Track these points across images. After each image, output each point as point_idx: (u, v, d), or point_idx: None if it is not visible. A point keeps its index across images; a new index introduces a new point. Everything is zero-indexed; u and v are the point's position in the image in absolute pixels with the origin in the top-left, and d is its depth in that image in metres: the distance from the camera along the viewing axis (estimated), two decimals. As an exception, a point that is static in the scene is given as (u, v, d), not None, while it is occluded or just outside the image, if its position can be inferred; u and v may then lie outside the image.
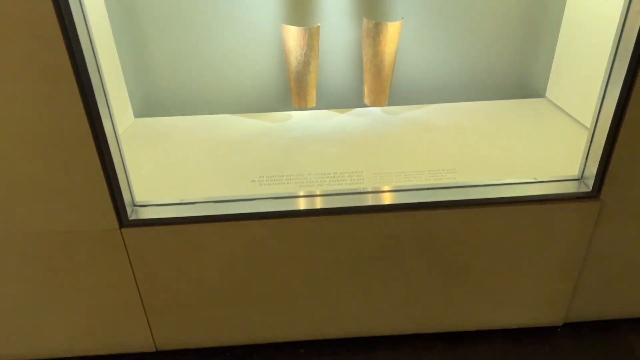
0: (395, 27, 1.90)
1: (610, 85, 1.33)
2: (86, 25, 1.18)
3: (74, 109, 1.21)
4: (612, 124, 1.35)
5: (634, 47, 1.23)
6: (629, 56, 1.26)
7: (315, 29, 1.90)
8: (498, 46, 2.13)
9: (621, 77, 1.29)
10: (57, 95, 1.19)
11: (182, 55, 2.08)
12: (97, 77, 1.24)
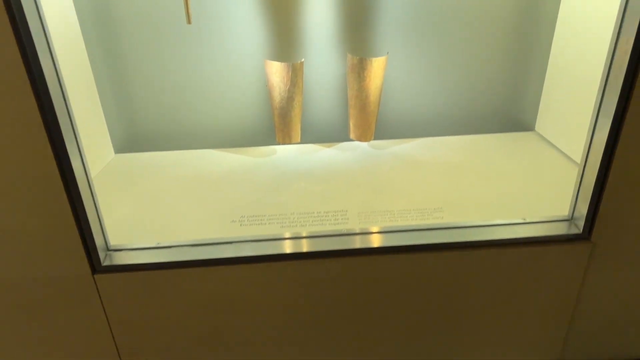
0: (380, 62, 1.87)
1: (599, 123, 1.30)
2: (52, 58, 1.13)
3: (39, 147, 1.15)
4: (601, 164, 1.31)
5: (622, 85, 1.20)
6: (617, 93, 1.23)
7: (299, 65, 1.86)
8: (486, 79, 2.11)
9: (610, 114, 1.25)
10: (20, 132, 1.13)
11: (165, 89, 2.04)
12: (65, 114, 1.19)
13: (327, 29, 1.95)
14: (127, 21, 1.90)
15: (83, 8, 1.86)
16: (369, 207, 1.63)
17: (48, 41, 1.13)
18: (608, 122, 1.26)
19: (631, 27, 1.15)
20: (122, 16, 1.89)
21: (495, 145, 2.12)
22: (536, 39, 2.04)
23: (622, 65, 1.20)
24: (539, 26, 2.01)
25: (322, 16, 1.92)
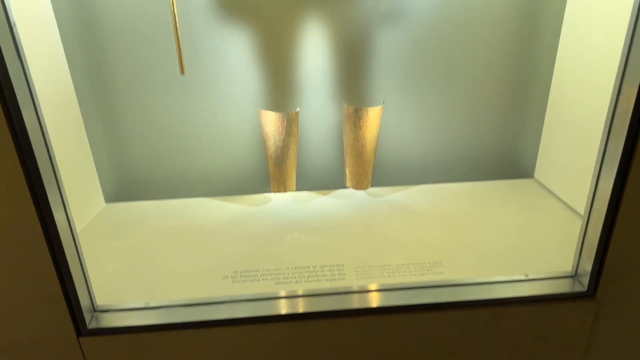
0: (376, 112, 1.86)
1: (603, 171, 1.26)
2: (35, 107, 1.10)
3: (20, 202, 1.11)
4: (606, 216, 1.27)
5: (628, 129, 1.17)
6: (620, 148, 1.20)
7: (294, 114, 1.84)
8: (483, 125, 2.10)
9: (615, 161, 1.21)
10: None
11: (158, 136, 2.01)
12: (49, 166, 1.14)
13: (323, 78, 1.94)
14: (120, 69, 1.88)
15: (75, 55, 1.84)
16: (366, 261, 1.58)
17: (31, 91, 1.09)
18: (613, 169, 1.22)
19: (635, 74, 1.12)
20: (116, 64, 1.87)
21: (494, 193, 2.09)
22: (534, 86, 2.04)
23: (628, 110, 1.16)
24: (536, 72, 2.01)
25: (318, 65, 1.91)
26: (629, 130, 1.16)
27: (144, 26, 1.81)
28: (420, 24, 1.87)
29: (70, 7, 1.77)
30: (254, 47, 1.85)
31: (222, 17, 1.80)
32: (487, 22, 1.89)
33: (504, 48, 1.95)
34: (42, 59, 1.67)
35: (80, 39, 1.82)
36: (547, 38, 1.93)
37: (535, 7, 1.88)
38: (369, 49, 1.88)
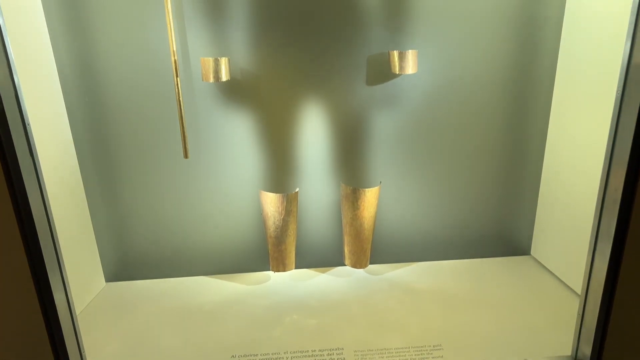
0: (373, 192, 1.91)
1: (597, 258, 1.28)
2: (41, 189, 1.14)
3: (22, 286, 1.13)
4: (602, 302, 1.28)
5: (620, 206, 1.20)
6: (615, 215, 1.22)
7: (294, 195, 1.89)
8: (479, 202, 2.14)
9: (609, 238, 1.24)
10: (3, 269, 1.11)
11: (159, 216, 2.05)
12: (53, 253, 1.17)
13: (321, 159, 2.00)
14: (124, 152, 1.95)
15: (81, 138, 1.91)
16: (366, 344, 1.57)
17: (39, 178, 1.14)
18: (607, 251, 1.25)
19: (621, 165, 1.17)
20: (120, 146, 1.94)
21: (492, 271, 2.10)
22: (527, 165, 2.10)
23: (616, 200, 1.20)
24: (528, 152, 2.07)
25: (316, 147, 1.98)
26: (619, 219, 1.20)
27: (150, 110, 1.89)
28: (415, 107, 1.95)
29: (78, 90, 1.85)
30: (255, 129, 1.93)
31: (225, 101, 1.89)
32: (479, 104, 1.97)
33: (496, 128, 2.02)
34: (51, 145, 1.73)
35: (87, 121, 1.90)
36: (537, 120, 2.02)
37: (524, 89, 1.97)
38: (365, 131, 1.95)
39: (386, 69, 1.85)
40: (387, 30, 1.82)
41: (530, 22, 1.87)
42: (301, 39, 1.81)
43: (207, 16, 1.77)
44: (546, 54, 1.92)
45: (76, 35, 1.78)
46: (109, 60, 1.82)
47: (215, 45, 1.81)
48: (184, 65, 1.82)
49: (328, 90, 1.89)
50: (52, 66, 1.77)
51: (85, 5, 1.75)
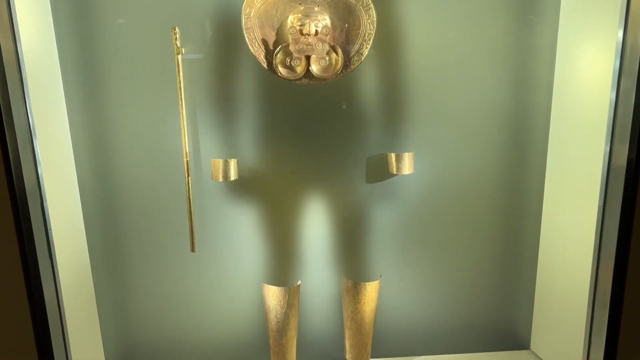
0: (374, 286, 1.96)
1: (593, 343, 1.31)
2: (55, 280, 1.20)
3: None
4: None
5: (611, 297, 1.24)
6: (607, 308, 1.26)
7: (295, 288, 1.94)
8: (478, 296, 2.18)
9: (602, 333, 1.27)
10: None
11: (163, 306, 2.09)
12: (61, 344, 1.21)
13: (323, 253, 2.07)
14: (134, 242, 2.03)
15: (93, 227, 2.00)
16: None
17: (54, 269, 1.20)
18: (602, 341, 1.28)
19: (607, 267, 1.24)
20: (130, 238, 2.02)
21: (492, 366, 2.10)
22: (522, 259, 2.16)
23: (606, 292, 1.26)
24: (523, 245, 2.14)
25: (318, 241, 2.05)
26: (610, 315, 1.25)
27: (160, 205, 1.99)
28: (412, 204, 2.05)
29: (94, 185, 1.96)
30: (260, 224, 2.02)
31: (232, 198, 1.99)
32: (473, 201, 2.07)
33: (491, 224, 2.11)
34: (65, 240, 1.81)
35: (100, 213, 1.99)
36: (531, 216, 2.11)
37: (517, 187, 2.07)
38: (365, 226, 2.04)
39: (384, 169, 1.97)
40: (385, 133, 1.95)
41: (519, 126, 2.00)
42: (305, 141, 1.94)
43: (218, 120, 1.91)
44: (536, 153, 2.04)
45: (95, 138, 1.92)
46: (125, 158, 1.94)
47: (225, 146, 1.94)
48: (195, 164, 1.94)
49: (329, 187, 2.00)
50: (71, 163, 1.90)
51: (104, 108, 1.89)
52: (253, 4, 1.70)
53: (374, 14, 1.72)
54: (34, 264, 1.31)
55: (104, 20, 1.82)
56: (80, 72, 1.86)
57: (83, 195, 1.96)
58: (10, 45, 1.52)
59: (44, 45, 1.75)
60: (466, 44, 1.90)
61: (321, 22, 1.69)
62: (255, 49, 1.75)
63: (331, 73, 1.75)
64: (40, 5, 1.73)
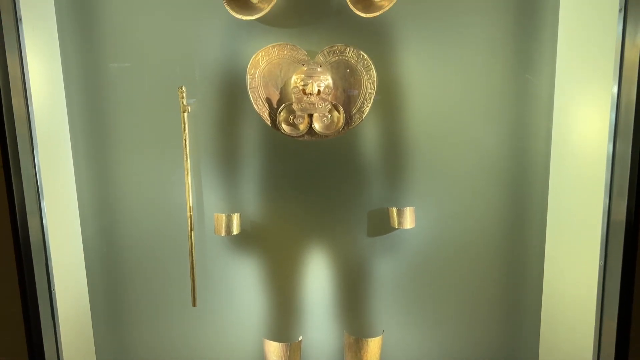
0: (376, 342, 1.94)
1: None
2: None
3: None
4: None
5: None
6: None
7: (297, 344, 1.92)
8: (481, 349, 2.15)
9: None
10: None
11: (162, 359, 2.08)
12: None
13: (324, 307, 2.06)
14: (135, 295, 2.03)
15: (95, 281, 2.02)
16: None
17: (55, 320, 1.20)
18: None
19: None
20: (131, 291, 2.03)
21: None
22: (525, 313, 2.13)
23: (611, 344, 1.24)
24: (526, 299, 2.12)
25: (320, 295, 2.05)
26: None
27: (163, 259, 2.00)
28: (414, 257, 2.05)
29: (98, 239, 1.99)
30: (261, 278, 2.02)
31: (234, 252, 2.00)
32: (475, 254, 2.06)
33: (492, 277, 2.09)
34: (67, 294, 1.82)
35: (102, 266, 2.01)
36: (533, 270, 2.10)
37: (518, 242, 2.07)
38: (367, 279, 2.04)
39: (386, 223, 1.99)
40: (386, 188, 1.98)
41: (519, 180, 2.03)
42: (307, 195, 1.97)
43: (222, 175, 1.95)
44: (536, 206, 2.05)
45: (100, 192, 1.96)
46: (129, 212, 1.98)
47: (229, 200, 1.96)
48: (198, 218, 1.96)
49: (331, 241, 2.01)
50: (75, 217, 1.93)
51: (110, 162, 1.94)
52: (258, 65, 1.77)
53: (374, 74, 1.78)
54: (35, 318, 1.31)
55: (113, 77, 1.89)
56: (88, 127, 1.92)
57: (86, 249, 1.98)
58: (21, 103, 1.58)
59: (54, 101, 1.81)
60: (464, 99, 1.94)
61: (323, 82, 1.75)
62: (260, 107, 1.80)
63: (333, 130, 1.80)
64: (51, 64, 1.80)
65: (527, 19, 1.87)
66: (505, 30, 1.87)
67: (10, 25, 1.52)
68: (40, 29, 1.71)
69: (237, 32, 1.84)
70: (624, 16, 1.47)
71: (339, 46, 1.77)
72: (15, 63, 1.56)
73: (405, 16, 1.84)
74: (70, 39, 1.86)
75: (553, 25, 1.87)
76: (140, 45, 1.87)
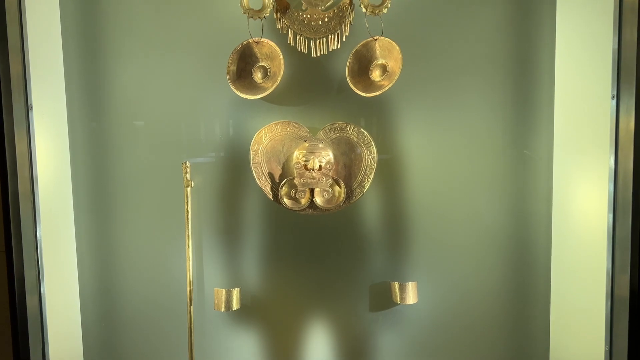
0: None
1: None
2: None
3: None
4: None
5: None
6: None
7: None
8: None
9: None
10: None
11: None
12: None
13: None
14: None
15: (91, 351, 1.97)
16: None
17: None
18: None
19: None
20: None
21: None
22: None
23: None
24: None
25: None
26: None
27: (161, 334, 1.97)
28: (417, 332, 2.01)
29: (97, 311, 1.96)
30: (262, 353, 1.97)
31: (234, 327, 1.97)
32: (480, 328, 2.02)
33: (499, 351, 2.04)
34: None
35: (100, 336, 1.98)
36: (538, 345, 2.05)
37: (522, 312, 2.03)
38: (369, 355, 1.99)
39: (388, 297, 1.96)
40: (387, 262, 1.97)
41: (520, 255, 2.02)
42: (308, 269, 1.96)
43: (223, 248, 1.95)
44: (539, 282, 2.03)
45: (100, 265, 1.96)
46: (129, 286, 1.96)
47: (230, 273, 1.96)
48: (198, 292, 1.94)
49: (333, 316, 1.98)
50: (74, 289, 1.91)
51: (111, 235, 1.95)
52: (261, 141, 1.82)
53: (374, 150, 1.82)
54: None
55: (117, 152, 1.93)
56: (91, 201, 1.95)
57: (84, 322, 1.95)
58: (27, 186, 1.61)
59: (59, 180, 1.86)
60: (464, 173, 1.96)
61: (325, 157, 1.78)
62: (262, 181, 1.83)
63: (334, 204, 1.81)
64: (58, 144, 1.86)
65: (522, 94, 1.93)
66: (504, 106, 1.92)
67: (21, 113, 1.59)
68: (49, 116, 1.77)
69: (241, 110, 1.90)
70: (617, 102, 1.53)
71: (340, 123, 1.83)
72: (24, 148, 1.60)
73: (404, 93, 1.90)
74: (79, 119, 1.92)
75: (549, 97, 1.92)
76: (147, 121, 1.93)
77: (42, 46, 1.72)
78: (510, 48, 1.91)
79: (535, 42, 1.91)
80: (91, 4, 1.89)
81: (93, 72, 1.91)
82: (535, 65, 1.92)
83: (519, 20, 1.90)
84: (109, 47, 1.90)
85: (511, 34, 1.91)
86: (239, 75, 1.79)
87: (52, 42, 1.82)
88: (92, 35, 1.90)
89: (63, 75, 1.87)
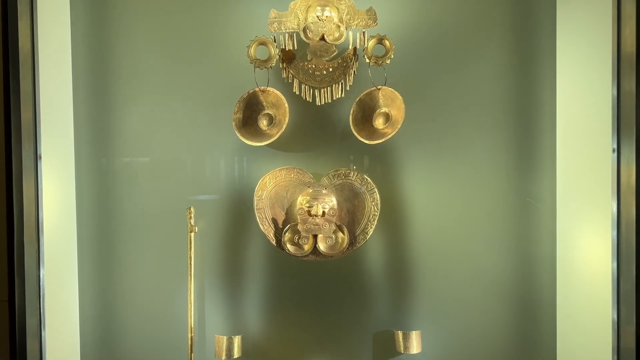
0: None
1: None
2: None
3: None
4: None
5: None
6: None
7: None
8: None
9: None
10: None
11: None
12: None
13: None
14: None
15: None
16: None
17: None
18: None
19: None
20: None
21: None
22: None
23: None
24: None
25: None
26: None
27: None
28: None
29: (94, 352, 1.94)
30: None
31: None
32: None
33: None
34: None
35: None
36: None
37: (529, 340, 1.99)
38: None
39: (391, 346, 1.93)
40: (391, 310, 1.96)
41: (526, 302, 2.00)
42: (311, 316, 1.94)
43: (226, 294, 1.94)
44: (544, 331, 2.00)
45: (102, 308, 1.95)
46: (130, 331, 1.95)
47: (231, 320, 1.94)
48: (199, 339, 1.92)
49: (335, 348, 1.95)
50: (75, 330, 1.90)
51: (114, 278, 1.95)
52: (265, 187, 1.83)
53: (377, 197, 1.83)
54: None
55: (123, 196, 1.95)
56: (94, 245, 1.96)
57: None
58: (33, 235, 1.62)
59: (64, 224, 1.86)
60: (468, 220, 1.96)
61: (328, 204, 1.79)
62: (265, 227, 1.84)
63: (337, 251, 1.81)
64: (65, 191, 1.89)
65: (525, 143, 1.95)
66: (506, 155, 1.95)
67: (29, 161, 1.62)
68: (57, 163, 1.80)
69: (246, 156, 1.93)
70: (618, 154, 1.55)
71: (344, 170, 1.85)
72: (31, 195, 1.62)
73: (407, 141, 1.93)
74: (86, 167, 1.95)
75: (552, 145, 1.94)
76: (153, 166, 1.96)
77: (53, 95, 1.76)
78: (512, 97, 1.95)
79: (536, 90, 1.95)
80: (102, 52, 1.95)
81: (101, 121, 1.95)
82: (537, 115, 1.95)
83: (520, 70, 1.95)
84: (119, 95, 1.95)
85: (512, 83, 1.95)
86: (245, 122, 1.82)
87: (63, 90, 1.87)
88: (102, 84, 1.95)
89: (72, 123, 1.92)
